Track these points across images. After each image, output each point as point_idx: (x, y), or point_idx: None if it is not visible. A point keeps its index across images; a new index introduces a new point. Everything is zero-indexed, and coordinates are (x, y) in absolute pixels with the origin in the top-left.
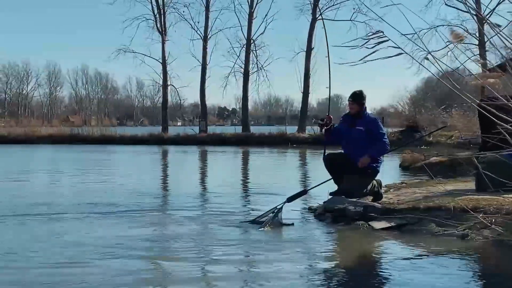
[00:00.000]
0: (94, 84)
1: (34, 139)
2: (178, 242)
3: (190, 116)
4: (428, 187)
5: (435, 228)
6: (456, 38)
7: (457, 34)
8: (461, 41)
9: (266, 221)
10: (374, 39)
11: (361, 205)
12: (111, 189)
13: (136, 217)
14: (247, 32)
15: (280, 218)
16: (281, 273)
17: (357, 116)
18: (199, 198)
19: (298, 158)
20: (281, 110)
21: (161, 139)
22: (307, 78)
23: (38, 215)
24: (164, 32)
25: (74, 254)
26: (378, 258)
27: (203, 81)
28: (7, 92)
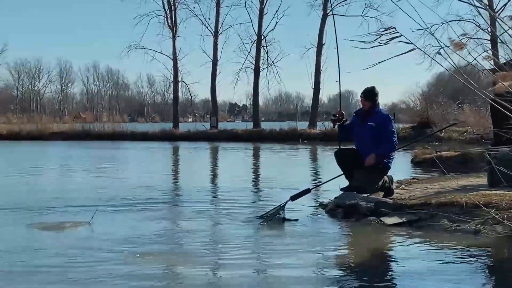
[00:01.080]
0: (105, 80)
1: (46, 135)
2: (187, 237)
3: (201, 112)
4: (440, 182)
5: (447, 224)
6: (456, 47)
7: (457, 43)
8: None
9: (268, 217)
10: (386, 35)
11: (373, 200)
12: (122, 185)
13: (146, 212)
14: (258, 28)
15: (283, 214)
16: (291, 268)
17: (370, 112)
18: (209, 194)
19: (309, 154)
20: (292, 106)
21: (172, 135)
22: (318, 74)
23: (51, 208)
24: (174, 28)
25: (82, 250)
26: (389, 253)
27: (213, 77)
28: (19, 88)
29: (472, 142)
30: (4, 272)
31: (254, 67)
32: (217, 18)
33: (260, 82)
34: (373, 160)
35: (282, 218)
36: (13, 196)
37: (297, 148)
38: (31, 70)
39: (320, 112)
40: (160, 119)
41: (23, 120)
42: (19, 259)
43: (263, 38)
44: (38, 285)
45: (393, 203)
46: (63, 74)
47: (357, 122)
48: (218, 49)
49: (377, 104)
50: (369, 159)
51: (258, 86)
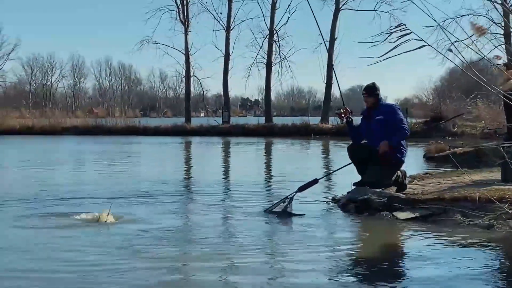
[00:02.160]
0: (118, 75)
1: (59, 130)
2: (199, 232)
3: (213, 107)
4: (453, 177)
5: (460, 219)
6: (478, 31)
7: (479, 27)
8: (483, 34)
9: (278, 211)
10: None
11: (386, 195)
12: (136, 179)
13: (159, 206)
14: (270, 22)
15: (290, 208)
16: (304, 263)
17: (375, 108)
18: (221, 187)
19: (321, 149)
20: (304, 101)
21: (184, 130)
22: (330, 69)
23: (61, 199)
24: (187, 23)
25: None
26: (402, 248)
27: (226, 72)
28: (31, 83)
29: (485, 137)
30: (22, 271)
31: (266, 62)
32: (229, 13)
33: (272, 77)
34: (387, 147)
35: (288, 212)
36: (25, 189)
37: (309, 143)
38: (43, 65)
39: (332, 107)
40: (172, 114)
41: (36, 115)
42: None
43: (275, 33)
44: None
45: (406, 198)
46: (75, 69)
47: (365, 121)
48: (230, 43)
49: (380, 98)
50: (382, 146)
51: (270, 81)
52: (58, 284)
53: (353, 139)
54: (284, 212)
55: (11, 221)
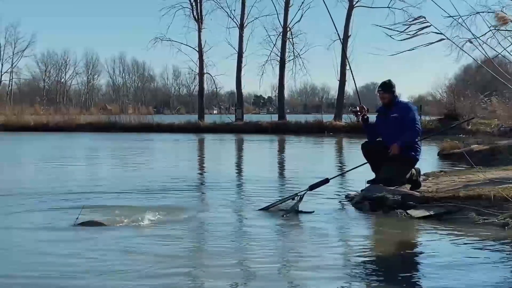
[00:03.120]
0: (131, 72)
1: (73, 126)
2: (210, 229)
3: (226, 104)
4: (467, 175)
5: (475, 217)
6: (501, 20)
7: (502, 17)
8: (506, 23)
9: (290, 209)
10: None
11: (400, 193)
12: (148, 175)
13: (171, 200)
14: (284, 20)
15: (297, 206)
16: (317, 260)
17: (391, 105)
18: (234, 185)
19: (334, 147)
20: (317, 98)
21: (197, 127)
22: (343, 66)
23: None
24: (200, 20)
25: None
26: (416, 246)
27: (239, 69)
28: (45, 80)
29: (500, 135)
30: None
31: (279, 59)
32: (242, 10)
33: (285, 74)
34: (397, 150)
35: (296, 210)
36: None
37: (322, 141)
38: (58, 62)
39: (346, 104)
40: (186, 111)
41: (50, 111)
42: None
43: (289, 30)
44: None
45: (421, 196)
46: (89, 66)
47: (381, 118)
48: (243, 41)
49: (395, 95)
50: (393, 149)
51: (283, 78)
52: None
53: (369, 136)
54: (294, 210)
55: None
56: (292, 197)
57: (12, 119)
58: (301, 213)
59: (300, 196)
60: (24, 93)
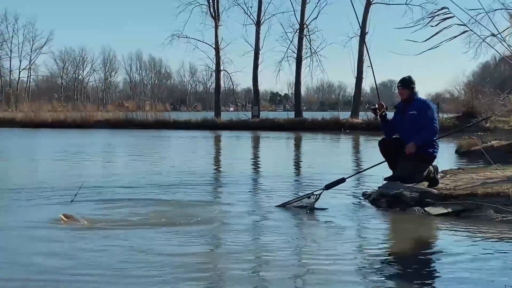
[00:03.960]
0: (148, 69)
1: (91, 123)
2: (226, 225)
3: (243, 101)
4: (486, 173)
5: (493, 215)
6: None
7: None
8: None
9: (304, 205)
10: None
11: (417, 190)
12: (165, 171)
13: (187, 196)
14: (300, 16)
15: (313, 204)
16: (334, 257)
17: (409, 101)
18: (250, 181)
19: (351, 144)
20: (334, 96)
21: (214, 124)
22: (360, 63)
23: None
24: (217, 17)
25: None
26: (434, 244)
27: (255, 66)
28: (63, 77)
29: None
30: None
31: (296, 56)
32: (259, 7)
33: (302, 71)
34: (413, 148)
35: (311, 207)
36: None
37: (339, 138)
38: (75, 59)
39: (362, 101)
40: (202, 108)
41: (68, 108)
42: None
43: (306, 27)
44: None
45: (438, 193)
46: (106, 63)
47: (399, 115)
48: (260, 38)
49: (415, 92)
50: (408, 147)
51: (300, 76)
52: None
53: (386, 133)
54: (309, 207)
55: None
56: (308, 195)
57: (30, 116)
58: (315, 210)
59: (316, 195)
60: (42, 90)
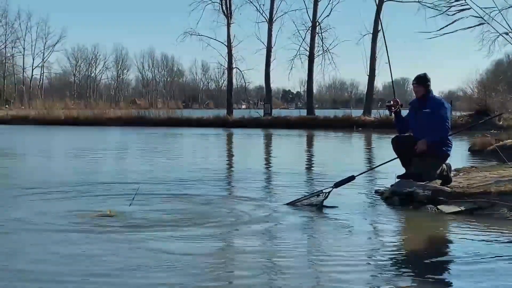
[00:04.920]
0: (160, 67)
1: (103, 120)
2: (235, 222)
3: (255, 99)
4: (499, 171)
5: (507, 213)
6: None
7: None
8: None
9: (318, 205)
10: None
11: (430, 188)
12: (178, 168)
13: (199, 192)
14: (313, 14)
15: (323, 202)
16: (347, 255)
17: (424, 99)
18: (262, 179)
19: (363, 142)
20: (346, 93)
21: (226, 121)
22: (373, 61)
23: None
24: (229, 15)
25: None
26: (447, 242)
27: (268, 64)
28: (76, 75)
29: None
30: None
31: (308, 54)
32: (272, 5)
33: (314, 69)
34: (425, 146)
35: (320, 205)
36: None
37: (351, 136)
38: (88, 56)
39: (375, 99)
40: (214, 105)
41: (81, 105)
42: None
43: (318, 25)
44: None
45: (451, 192)
46: (119, 60)
47: (413, 112)
48: (272, 35)
49: (430, 90)
50: (420, 145)
51: (312, 73)
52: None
53: (399, 131)
54: (318, 206)
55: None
56: (317, 193)
57: (43, 113)
58: (325, 207)
59: (325, 193)
60: (54, 87)
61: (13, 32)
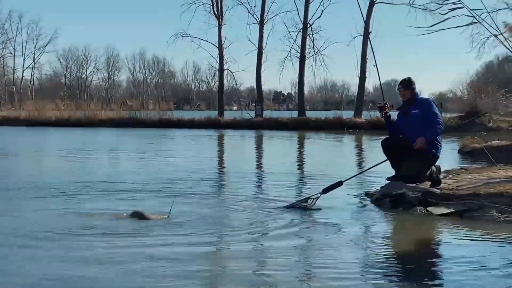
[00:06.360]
0: (152, 68)
1: (95, 122)
2: (224, 225)
3: (246, 100)
4: (489, 173)
5: (495, 215)
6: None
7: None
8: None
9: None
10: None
11: (420, 190)
12: (169, 169)
13: (188, 196)
14: (304, 16)
15: (311, 205)
16: (336, 257)
17: (411, 102)
18: (252, 181)
19: (354, 143)
20: (337, 95)
21: (217, 123)
22: (364, 63)
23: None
24: (220, 16)
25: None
26: (436, 244)
27: (259, 65)
28: (67, 76)
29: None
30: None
31: (299, 56)
32: (263, 6)
33: (305, 71)
34: (423, 143)
35: (306, 208)
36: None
37: (342, 137)
38: (79, 57)
39: (366, 101)
40: (206, 107)
41: (72, 107)
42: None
43: (309, 26)
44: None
45: (441, 193)
46: (110, 62)
47: (402, 116)
48: (263, 37)
49: (416, 92)
50: (418, 142)
51: (303, 75)
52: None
53: (390, 133)
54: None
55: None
56: (306, 199)
57: (34, 114)
58: (312, 210)
59: (313, 199)
60: (45, 88)
61: (4, 33)
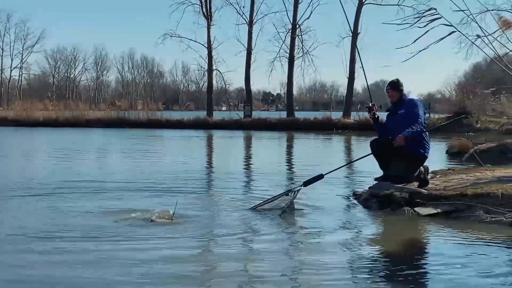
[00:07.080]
0: (141, 68)
1: (83, 122)
2: (212, 226)
3: (235, 101)
4: (476, 173)
5: (482, 215)
6: (504, 24)
7: (505, 21)
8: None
9: (285, 206)
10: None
11: (407, 191)
12: (158, 171)
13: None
14: (293, 16)
15: (293, 203)
16: (324, 258)
17: (399, 102)
18: (239, 182)
19: (343, 144)
20: (326, 96)
21: (206, 123)
22: (352, 64)
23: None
24: (209, 16)
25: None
26: (423, 244)
27: (248, 66)
28: (55, 76)
29: (509, 133)
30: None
31: (288, 56)
32: (252, 7)
33: (294, 71)
34: (402, 140)
35: (290, 204)
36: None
37: (331, 138)
38: (67, 57)
39: (354, 101)
40: (195, 107)
41: (60, 107)
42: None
43: (298, 27)
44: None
45: (428, 194)
46: (98, 62)
47: (390, 116)
48: (252, 38)
49: (403, 94)
50: (398, 140)
51: (292, 75)
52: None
53: (379, 134)
54: (289, 207)
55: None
56: (286, 193)
57: (22, 114)
58: (296, 210)
59: (294, 191)
60: (33, 88)
61: None
